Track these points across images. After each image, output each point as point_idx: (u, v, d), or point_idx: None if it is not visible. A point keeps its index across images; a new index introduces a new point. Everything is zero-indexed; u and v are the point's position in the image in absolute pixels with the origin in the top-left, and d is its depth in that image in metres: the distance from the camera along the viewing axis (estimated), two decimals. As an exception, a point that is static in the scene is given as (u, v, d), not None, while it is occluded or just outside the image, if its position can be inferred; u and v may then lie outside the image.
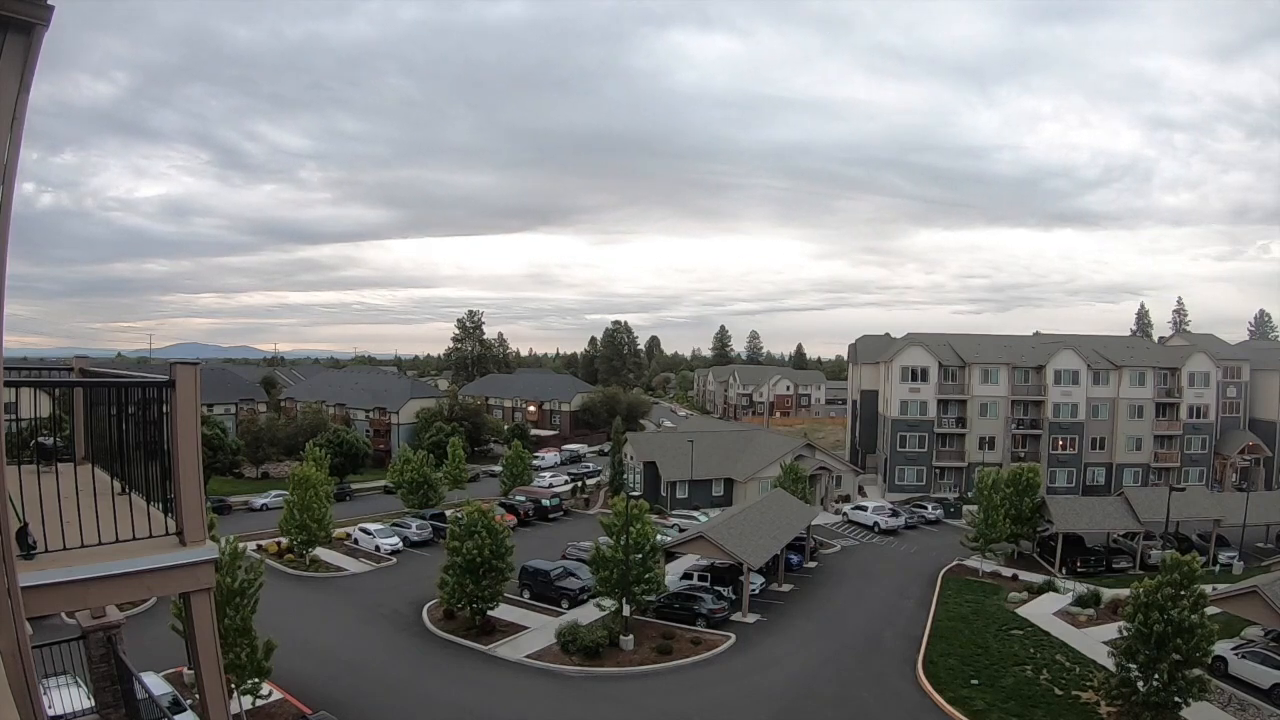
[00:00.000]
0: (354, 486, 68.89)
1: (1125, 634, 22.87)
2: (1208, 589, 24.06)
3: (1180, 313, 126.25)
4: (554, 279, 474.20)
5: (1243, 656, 26.59)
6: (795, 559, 41.38)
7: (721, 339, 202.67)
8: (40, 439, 7.51)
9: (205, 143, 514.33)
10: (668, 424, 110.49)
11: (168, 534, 5.46)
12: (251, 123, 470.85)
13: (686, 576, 37.34)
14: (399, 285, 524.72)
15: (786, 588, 38.01)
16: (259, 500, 60.45)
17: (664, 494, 57.87)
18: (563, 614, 33.23)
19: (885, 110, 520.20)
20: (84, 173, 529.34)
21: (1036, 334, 77.27)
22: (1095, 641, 29.79)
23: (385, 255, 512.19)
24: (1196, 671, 21.88)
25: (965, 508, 54.78)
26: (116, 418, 6.43)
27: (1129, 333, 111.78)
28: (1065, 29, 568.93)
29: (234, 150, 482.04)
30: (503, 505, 51.23)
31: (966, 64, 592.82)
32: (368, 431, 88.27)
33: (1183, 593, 21.95)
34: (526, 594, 35.69)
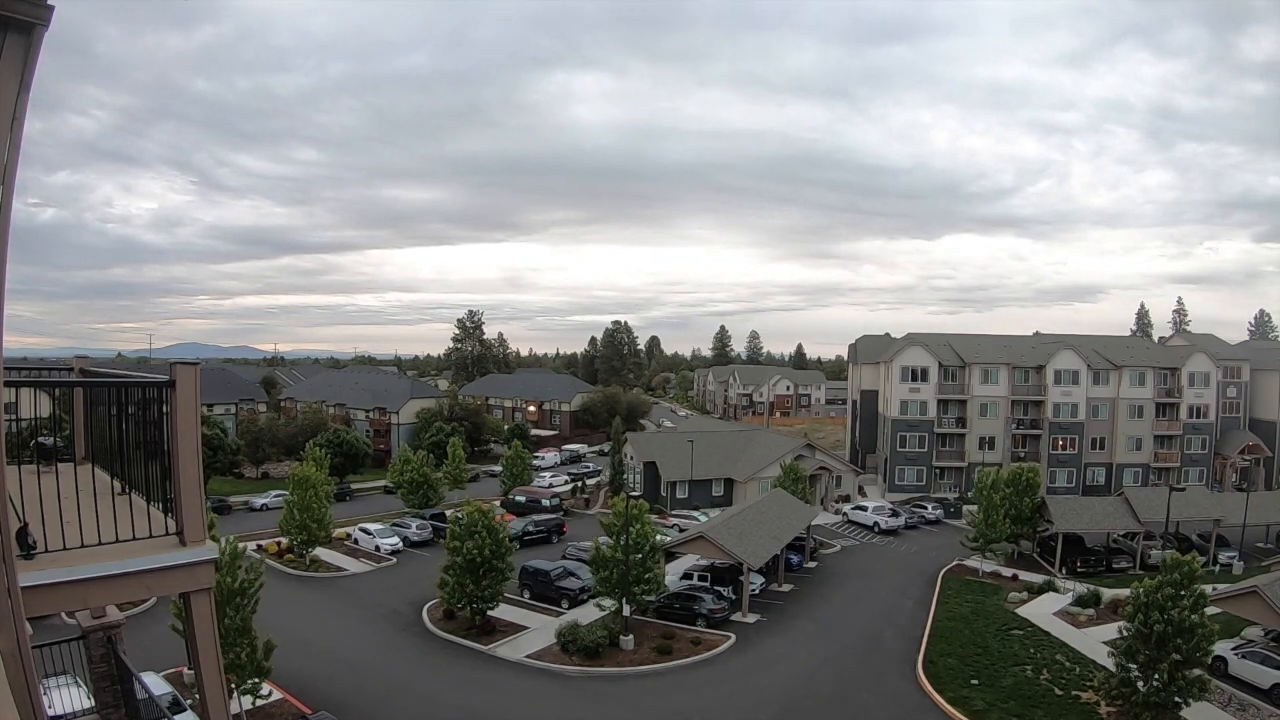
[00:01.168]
0: (354, 486, 68.89)
1: (1125, 634, 22.87)
2: (1208, 589, 24.06)
3: (1180, 313, 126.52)
4: (530, 283, 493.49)
5: (1243, 656, 26.58)
6: (795, 559, 41.38)
7: (721, 339, 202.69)
8: (40, 439, 7.51)
9: (184, 168, 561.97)
10: (668, 424, 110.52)
11: (168, 534, 5.46)
12: (221, 151, 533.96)
13: (686, 576, 37.34)
14: (383, 290, 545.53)
15: (786, 588, 38.01)
16: (259, 500, 60.45)
17: (664, 494, 57.88)
18: (563, 614, 33.23)
19: (774, 131, 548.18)
20: (81, 190, 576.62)
21: (1036, 334, 77.32)
22: (1095, 641, 29.78)
23: (365, 263, 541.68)
24: (1196, 671, 21.87)
25: (965, 508, 54.80)
26: (116, 418, 6.43)
27: (1129, 333, 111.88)
28: (902, 48, 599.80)
29: (210, 173, 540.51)
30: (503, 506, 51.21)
31: (833, 86, 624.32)
32: (368, 431, 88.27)
33: (1183, 593, 21.94)
34: (526, 594, 35.69)
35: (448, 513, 47.16)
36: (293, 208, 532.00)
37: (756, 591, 35.75)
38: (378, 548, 44.35)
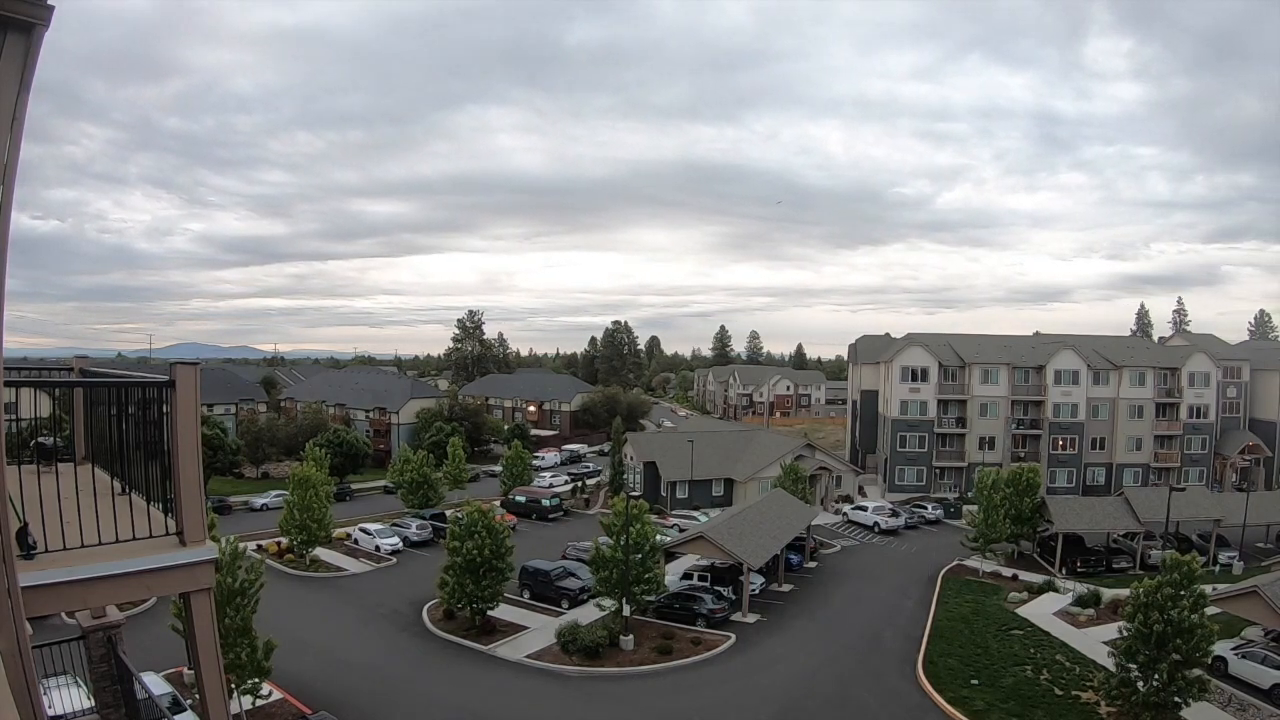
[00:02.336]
0: (354, 486, 68.88)
1: (1125, 634, 22.87)
2: (1208, 589, 24.07)
3: (1180, 313, 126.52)
4: (508, 286, 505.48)
5: (1243, 656, 26.58)
6: (795, 559, 41.38)
7: (721, 339, 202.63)
8: (40, 439, 7.51)
9: (168, 186, 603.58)
10: (668, 424, 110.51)
11: (168, 534, 5.46)
12: (200, 173, 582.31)
13: (686, 576, 37.35)
14: (370, 293, 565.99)
15: (786, 588, 38.01)
16: (259, 500, 60.45)
17: (664, 494, 57.88)
18: (563, 614, 33.23)
19: (682, 149, 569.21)
20: (78, 204, 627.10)
21: (1036, 334, 77.32)
22: (1095, 641, 29.79)
23: (350, 268, 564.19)
24: (1196, 671, 21.88)
25: (965, 508, 54.78)
26: (117, 418, 6.43)
27: (1129, 333, 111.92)
28: (759, 74, 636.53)
29: (191, 190, 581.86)
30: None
31: (719, 110, 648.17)
32: (368, 431, 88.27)
33: (1183, 593, 21.94)
34: (526, 594, 35.69)
35: (448, 513, 47.14)
36: (274, 219, 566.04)
37: (756, 591, 35.75)
38: (378, 548, 44.35)
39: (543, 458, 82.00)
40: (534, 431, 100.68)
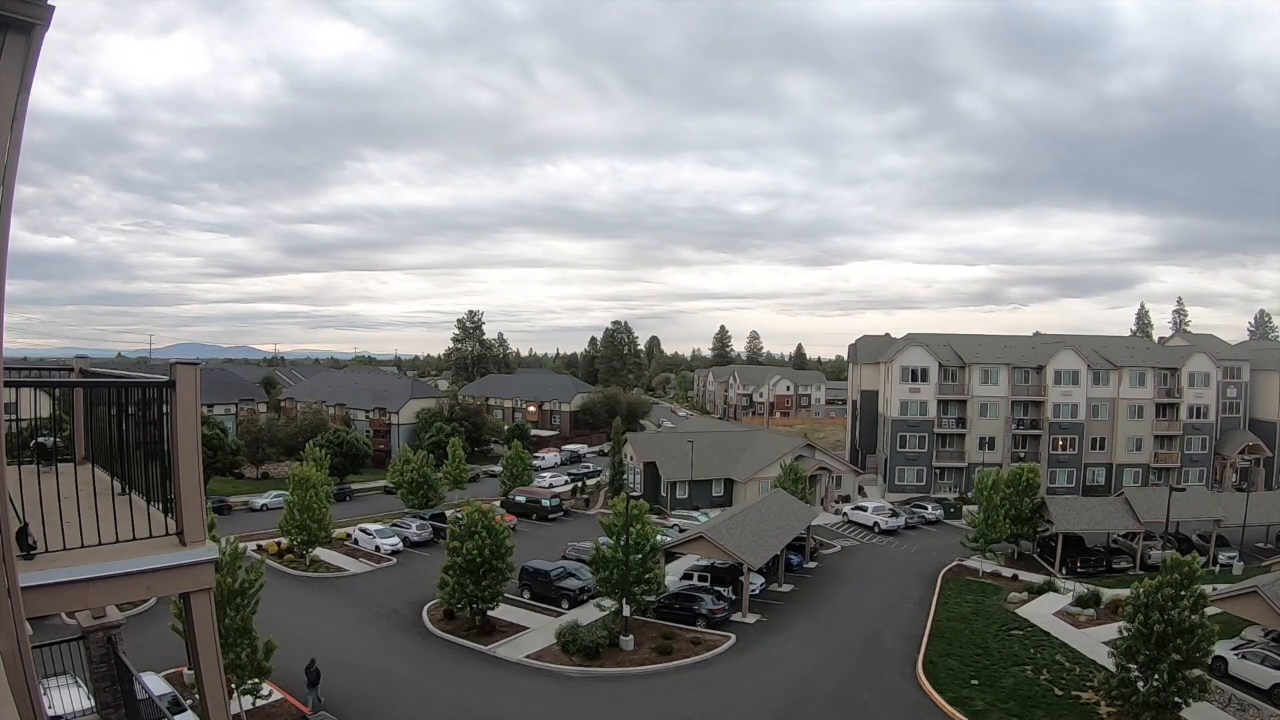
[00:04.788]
0: (354, 487, 68.86)
1: (1125, 634, 22.87)
2: (1208, 589, 24.07)
3: (1180, 313, 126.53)
4: (478, 290, 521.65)
5: (1243, 656, 26.57)
6: (795, 559, 41.38)
7: (721, 339, 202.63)
8: (40, 439, 7.51)
9: (143, 215, 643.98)
10: (668, 424, 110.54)
11: (168, 534, 5.45)
12: (162, 208, 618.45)
13: (686, 576, 37.35)
14: (348, 301, 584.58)
15: (786, 588, 38.01)
16: (259, 500, 60.41)
17: (664, 494, 57.88)
18: (563, 614, 33.23)
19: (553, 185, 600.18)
20: (70, 224, 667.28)
21: (1036, 334, 77.33)
22: (1095, 642, 29.79)
23: (329, 280, 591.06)
24: (1196, 672, 21.88)
25: (965, 508, 54.84)
26: (117, 418, 6.42)
27: (1129, 333, 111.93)
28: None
29: (164, 217, 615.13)
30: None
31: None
32: (368, 432, 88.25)
33: (1183, 593, 21.95)
34: (526, 594, 35.69)
35: (448, 513, 47.13)
36: (247, 239, 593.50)
37: (756, 592, 35.75)
38: (378, 548, 44.34)
39: (543, 458, 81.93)
40: (534, 432, 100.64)
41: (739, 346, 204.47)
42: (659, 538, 34.04)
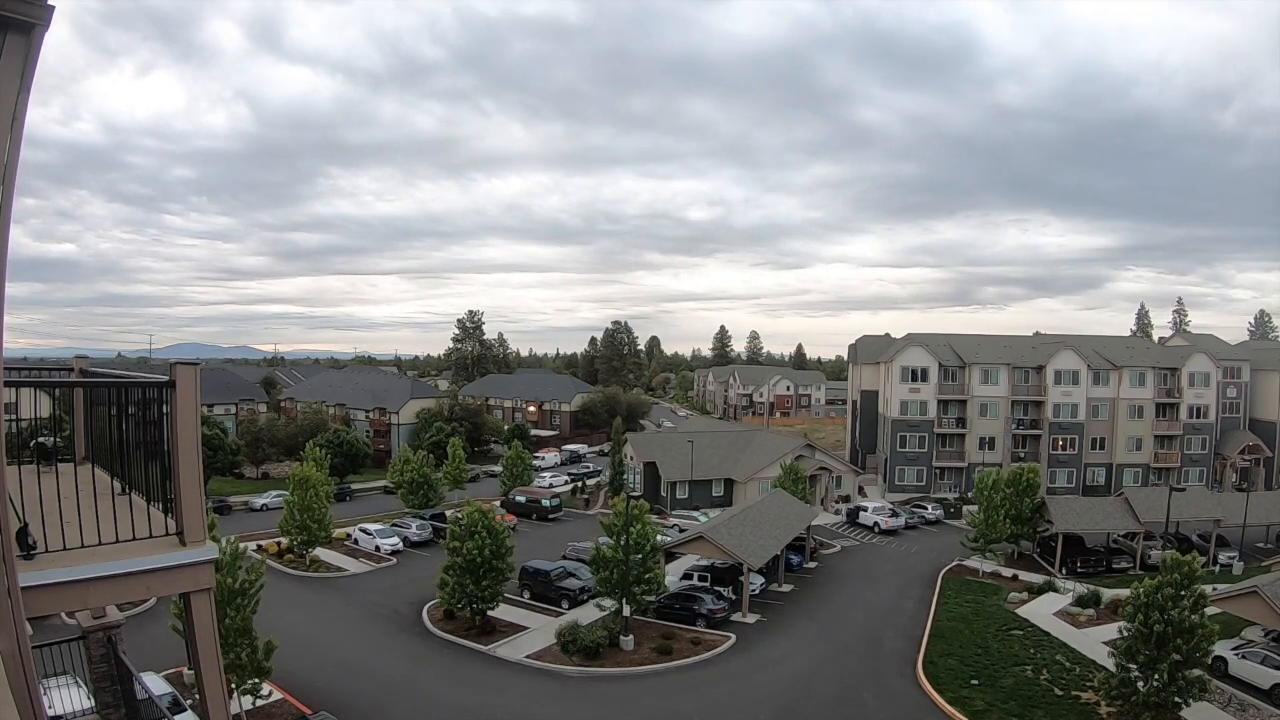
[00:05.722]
0: (354, 487, 68.88)
1: (1125, 634, 22.87)
2: (1208, 589, 24.07)
3: (1180, 313, 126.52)
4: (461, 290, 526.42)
5: (1243, 656, 26.57)
6: (795, 559, 41.37)
7: (721, 339, 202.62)
8: (40, 439, 7.52)
9: (137, 224, 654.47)
10: (668, 424, 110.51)
11: (168, 534, 5.45)
12: (155, 217, 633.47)
13: (686, 576, 37.34)
14: (342, 303, 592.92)
15: (787, 588, 38.01)
16: (259, 500, 60.44)
17: (664, 494, 57.88)
18: (563, 614, 33.23)
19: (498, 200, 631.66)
20: (71, 232, 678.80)
21: (1037, 334, 77.34)
22: (1095, 642, 29.79)
23: (320, 284, 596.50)
24: (1196, 672, 21.88)
25: (965, 508, 54.84)
26: (117, 418, 6.42)
27: (1129, 333, 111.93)
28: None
29: (158, 226, 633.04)
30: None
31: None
32: (368, 432, 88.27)
33: (1183, 593, 21.95)
34: (526, 594, 35.68)
35: (448, 513, 47.14)
36: (238, 244, 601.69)
37: (756, 592, 35.75)
38: (378, 548, 44.34)
39: (543, 458, 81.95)
40: (534, 432, 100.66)
41: (739, 346, 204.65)
42: (659, 538, 34.02)
